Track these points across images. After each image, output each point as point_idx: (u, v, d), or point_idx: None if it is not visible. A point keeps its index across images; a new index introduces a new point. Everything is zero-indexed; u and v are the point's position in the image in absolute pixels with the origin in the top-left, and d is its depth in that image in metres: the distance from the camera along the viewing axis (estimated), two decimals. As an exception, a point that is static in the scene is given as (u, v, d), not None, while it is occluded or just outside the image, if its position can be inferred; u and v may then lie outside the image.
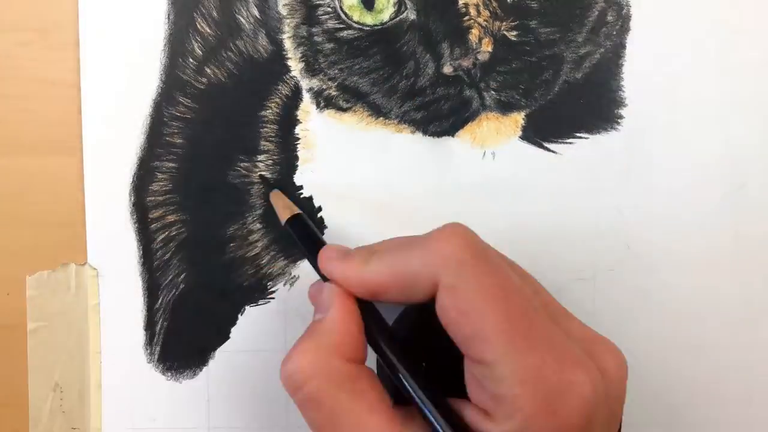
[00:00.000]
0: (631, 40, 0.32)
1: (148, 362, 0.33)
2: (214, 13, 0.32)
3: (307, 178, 0.32)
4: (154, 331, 0.33)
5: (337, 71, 0.32)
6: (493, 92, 0.32)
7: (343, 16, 0.31)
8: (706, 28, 0.32)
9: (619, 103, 0.32)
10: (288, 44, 0.32)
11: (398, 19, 0.31)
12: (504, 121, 0.32)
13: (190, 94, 0.32)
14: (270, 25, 0.32)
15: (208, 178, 0.32)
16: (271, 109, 0.32)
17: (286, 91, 0.32)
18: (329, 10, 0.32)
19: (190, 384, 0.33)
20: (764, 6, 0.32)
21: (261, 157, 0.32)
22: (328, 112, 0.32)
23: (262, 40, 0.32)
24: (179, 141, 0.32)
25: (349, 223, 0.32)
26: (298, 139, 0.32)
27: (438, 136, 0.32)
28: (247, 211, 0.32)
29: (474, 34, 0.31)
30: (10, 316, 0.33)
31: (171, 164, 0.32)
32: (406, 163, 0.32)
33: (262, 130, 0.32)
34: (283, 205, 0.30)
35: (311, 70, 0.32)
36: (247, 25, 0.32)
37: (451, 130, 0.32)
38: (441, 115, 0.32)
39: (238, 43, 0.32)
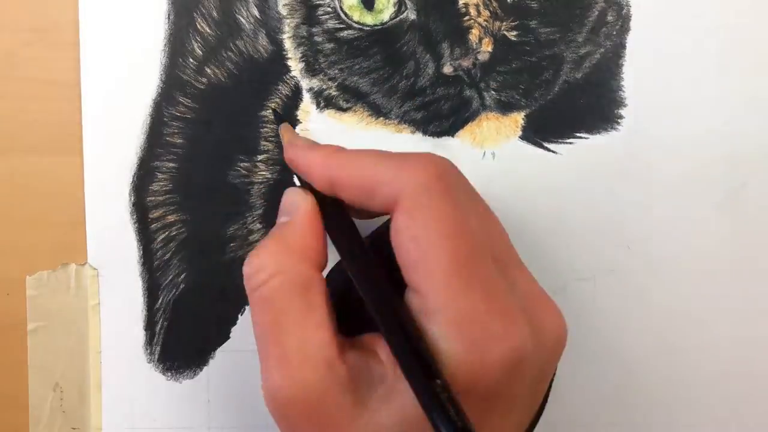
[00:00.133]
0: (631, 40, 0.32)
1: (148, 362, 0.33)
2: (214, 13, 0.32)
3: (307, 178, 0.32)
4: (154, 331, 0.33)
5: (337, 71, 0.32)
6: (493, 92, 0.32)
7: (343, 16, 0.31)
8: (706, 28, 0.32)
9: (619, 103, 0.32)
10: (288, 44, 0.32)
11: (398, 19, 0.31)
12: (504, 121, 0.32)
13: (190, 94, 0.32)
14: (270, 25, 0.32)
15: (208, 178, 0.32)
16: (272, 109, 0.32)
17: (286, 91, 0.32)
18: (329, 10, 0.32)
19: (190, 384, 0.33)
20: (764, 6, 0.32)
21: (261, 157, 0.32)
22: (328, 112, 0.32)
23: (262, 40, 0.32)
24: (179, 141, 0.32)
25: (349, 223, 0.32)
26: (298, 139, 0.32)
27: (438, 136, 0.32)
28: (247, 211, 0.32)
29: (474, 34, 0.31)
30: (10, 316, 0.33)
31: (171, 164, 0.32)
32: (406, 163, 0.32)
33: (262, 130, 0.32)
34: (290, 138, 0.29)
35: (311, 70, 0.32)
36: (247, 25, 0.32)
37: (451, 130, 0.32)
38: (441, 115, 0.32)
39: (238, 43, 0.32)
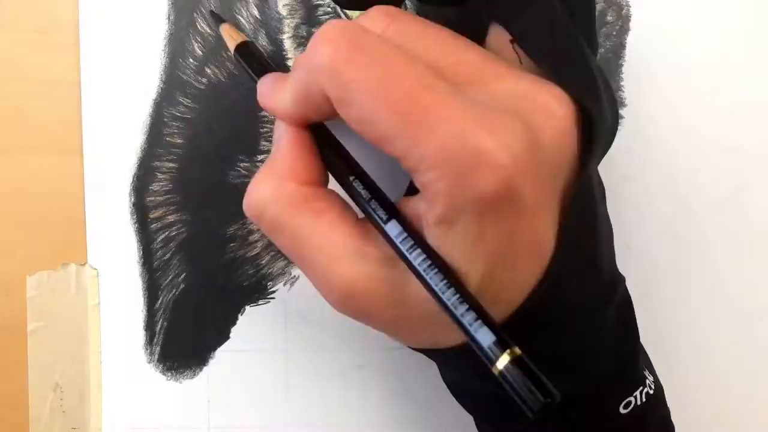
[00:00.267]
0: (631, 40, 0.32)
1: (148, 362, 0.33)
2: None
3: (307, 178, 0.32)
4: (154, 331, 0.33)
5: (337, 71, 0.32)
6: (493, 92, 0.32)
7: (343, 16, 0.31)
8: (706, 29, 0.32)
9: (619, 103, 0.32)
10: (288, 44, 0.32)
11: (398, 19, 0.31)
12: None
13: (190, 94, 0.32)
14: (270, 25, 0.32)
15: (208, 178, 0.32)
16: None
17: (286, 91, 0.32)
18: (329, 10, 0.32)
19: (190, 384, 0.33)
20: (764, 6, 0.32)
21: (261, 157, 0.32)
22: (328, 112, 0.32)
23: (262, 40, 0.32)
24: (179, 141, 0.32)
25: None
26: (298, 139, 0.32)
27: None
28: (247, 211, 0.32)
29: (474, 34, 0.31)
30: (10, 316, 0.33)
31: (171, 164, 0.32)
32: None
33: (262, 130, 0.32)
34: (233, 37, 0.29)
35: (311, 70, 0.32)
36: (247, 25, 0.32)
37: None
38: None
39: (238, 43, 0.32)
